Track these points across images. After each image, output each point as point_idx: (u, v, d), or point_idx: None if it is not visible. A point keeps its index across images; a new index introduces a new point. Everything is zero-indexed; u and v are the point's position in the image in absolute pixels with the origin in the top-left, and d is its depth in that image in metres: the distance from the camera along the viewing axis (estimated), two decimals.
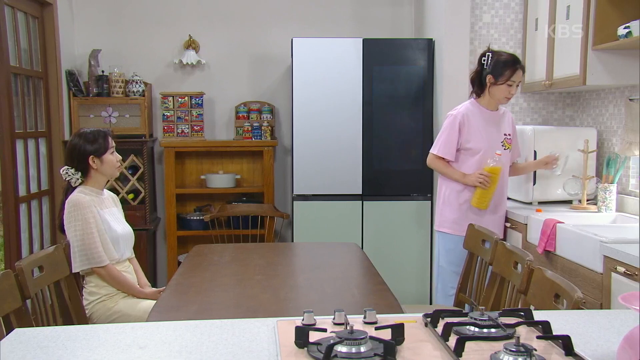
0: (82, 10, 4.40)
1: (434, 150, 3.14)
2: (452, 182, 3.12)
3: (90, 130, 2.63)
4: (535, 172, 3.39)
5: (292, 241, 4.14)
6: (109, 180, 2.88)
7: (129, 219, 2.84)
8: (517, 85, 3.04)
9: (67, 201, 2.55)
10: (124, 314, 2.55)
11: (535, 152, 3.40)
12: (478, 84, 3.09)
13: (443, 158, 3.11)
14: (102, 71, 4.24)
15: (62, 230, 2.59)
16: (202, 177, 4.45)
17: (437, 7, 3.96)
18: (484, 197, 3.05)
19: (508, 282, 2.28)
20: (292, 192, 4.05)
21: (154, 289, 2.74)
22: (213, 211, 4.21)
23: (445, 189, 3.17)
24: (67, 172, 2.60)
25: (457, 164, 3.12)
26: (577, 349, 1.34)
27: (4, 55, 3.39)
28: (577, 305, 1.68)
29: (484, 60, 3.03)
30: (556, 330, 1.45)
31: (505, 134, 3.12)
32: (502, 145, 3.11)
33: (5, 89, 3.41)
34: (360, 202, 4.02)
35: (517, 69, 2.99)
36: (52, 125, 4.05)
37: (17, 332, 1.55)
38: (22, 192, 3.61)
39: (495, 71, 2.99)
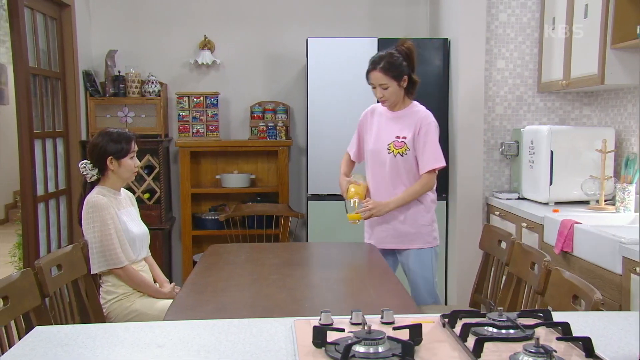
0: (99, 11, 4.44)
1: (349, 148, 3.09)
2: None
3: (116, 131, 2.65)
4: (552, 171, 3.36)
5: (307, 241, 4.14)
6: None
7: (144, 218, 2.85)
8: (385, 88, 2.79)
9: (85, 201, 2.57)
10: (140, 313, 2.56)
11: (552, 152, 3.37)
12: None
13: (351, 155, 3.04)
14: (119, 71, 4.28)
15: (81, 225, 2.61)
16: (217, 176, 4.46)
17: (452, 6, 3.94)
18: (350, 216, 2.89)
19: (525, 282, 2.27)
20: (307, 192, 4.05)
21: (171, 285, 2.75)
22: (228, 211, 4.22)
23: None
24: (84, 167, 2.62)
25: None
26: (598, 351, 1.32)
27: (23, 56, 3.42)
28: (596, 306, 1.67)
29: None
30: (575, 332, 1.44)
31: (398, 137, 2.83)
32: (387, 149, 2.84)
33: (24, 89, 3.45)
34: None
35: (369, 71, 2.82)
36: (70, 126, 4.09)
37: (38, 329, 1.57)
38: (40, 191, 3.64)
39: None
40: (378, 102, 2.96)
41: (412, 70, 2.86)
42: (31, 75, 3.55)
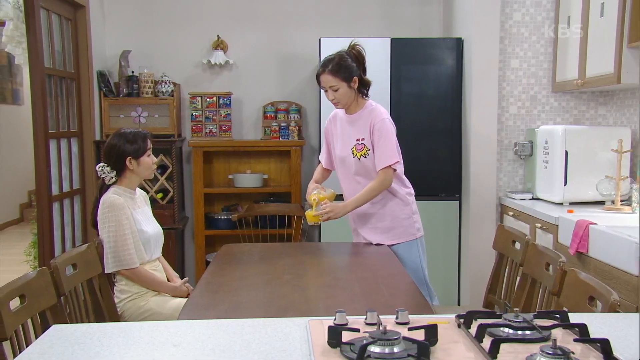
0: (113, 11, 4.46)
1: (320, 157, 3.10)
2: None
3: (130, 131, 2.66)
4: (566, 171, 3.34)
5: (319, 241, 4.13)
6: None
7: (157, 218, 2.86)
8: (336, 90, 2.76)
9: (101, 201, 2.58)
10: (154, 312, 2.57)
11: (566, 152, 3.34)
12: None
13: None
14: (132, 72, 4.30)
15: (96, 227, 2.62)
16: (230, 176, 4.47)
17: (466, 6, 3.92)
18: (308, 215, 2.90)
19: (539, 283, 2.25)
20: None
21: (181, 280, 2.77)
22: (240, 211, 4.23)
23: None
24: (102, 170, 2.64)
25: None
26: (617, 354, 1.31)
27: (39, 57, 3.45)
28: (613, 308, 1.65)
29: None
30: (593, 334, 1.43)
31: (358, 139, 2.81)
32: (351, 153, 2.83)
33: (40, 90, 3.48)
34: None
35: (319, 74, 2.79)
36: (84, 125, 4.12)
37: (55, 328, 1.58)
38: (55, 191, 3.67)
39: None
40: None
41: (363, 71, 2.86)
42: (46, 76, 3.58)
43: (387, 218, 2.92)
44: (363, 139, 2.83)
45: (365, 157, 2.84)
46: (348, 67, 2.79)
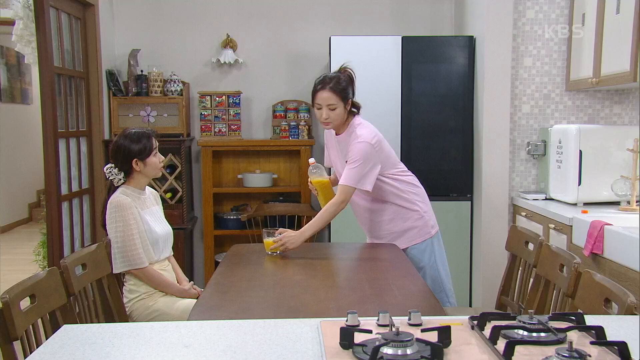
0: (122, 10, 4.46)
1: None
2: None
3: (134, 131, 2.65)
4: (580, 171, 3.30)
5: (329, 241, 4.12)
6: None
7: (166, 218, 2.86)
8: (333, 109, 2.71)
9: (109, 202, 2.58)
10: (163, 313, 2.57)
11: (580, 151, 3.31)
12: None
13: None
14: (141, 71, 4.30)
15: (105, 228, 2.62)
16: (239, 176, 4.46)
17: (478, 4, 3.89)
18: (320, 204, 2.93)
19: (553, 285, 2.23)
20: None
21: (190, 283, 2.75)
22: (250, 211, 4.22)
23: None
24: (110, 172, 2.63)
25: None
26: (635, 357, 1.28)
27: (48, 56, 3.45)
28: (630, 310, 1.62)
29: None
30: (609, 336, 1.41)
31: (347, 161, 2.78)
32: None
33: (49, 89, 3.48)
34: None
35: (318, 90, 2.73)
36: (93, 125, 4.12)
37: (66, 328, 1.58)
38: (64, 190, 3.67)
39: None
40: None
41: (353, 95, 2.84)
42: (56, 75, 3.59)
43: (399, 222, 2.92)
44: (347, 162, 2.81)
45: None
46: (345, 88, 2.77)
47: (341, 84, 2.75)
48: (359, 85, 3.87)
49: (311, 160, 2.91)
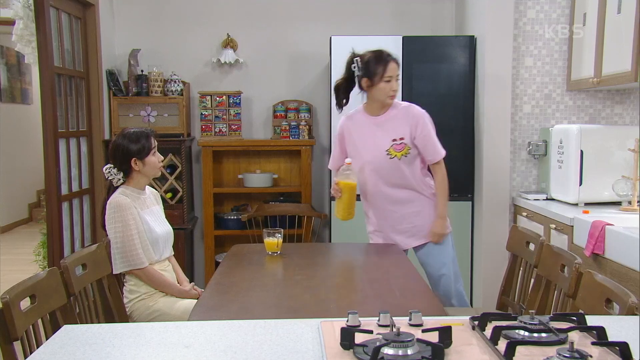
0: (122, 10, 4.46)
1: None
2: None
3: (133, 131, 2.65)
4: (581, 171, 3.29)
5: (330, 241, 4.11)
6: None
7: (166, 218, 2.85)
8: (397, 80, 2.80)
9: (108, 202, 2.58)
10: (163, 313, 2.56)
11: (582, 151, 3.30)
12: (344, 94, 2.88)
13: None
14: (142, 70, 4.29)
15: (105, 229, 2.61)
16: (240, 176, 4.46)
17: (479, 3, 3.89)
18: (338, 208, 2.87)
19: (554, 285, 2.22)
20: (330, 191, 4.02)
21: (191, 284, 2.75)
22: (250, 211, 4.21)
23: None
24: (109, 172, 2.63)
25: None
26: (636, 357, 1.28)
27: (48, 56, 3.45)
28: (631, 310, 1.62)
29: (354, 67, 2.82)
30: (610, 337, 1.40)
31: (395, 139, 2.79)
32: (388, 155, 2.81)
33: (49, 89, 3.48)
34: None
35: (388, 62, 2.77)
36: (93, 125, 4.12)
37: (66, 328, 1.58)
38: (64, 190, 3.67)
39: (368, 72, 2.78)
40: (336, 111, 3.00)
41: None
42: (56, 75, 3.58)
43: (425, 216, 2.92)
44: (402, 138, 2.81)
45: (406, 157, 2.82)
46: None
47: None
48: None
49: (348, 160, 2.81)
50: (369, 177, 2.90)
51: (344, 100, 2.90)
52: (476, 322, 1.52)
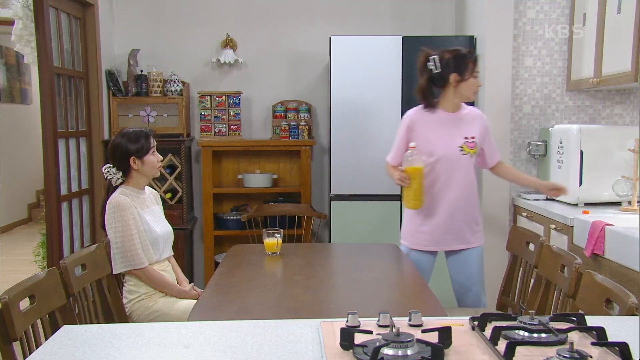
0: (121, 10, 4.46)
1: (388, 157, 2.98)
2: None
3: (132, 130, 2.65)
4: (581, 171, 3.29)
5: (330, 242, 4.11)
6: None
7: (166, 218, 2.85)
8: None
9: (108, 202, 2.57)
10: (162, 313, 2.56)
11: (582, 152, 3.30)
12: (430, 93, 2.87)
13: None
14: (141, 71, 4.29)
15: (104, 229, 2.61)
16: (239, 176, 4.45)
17: (479, 3, 3.89)
18: (408, 197, 2.80)
19: (554, 285, 2.22)
20: (330, 192, 4.02)
21: (190, 284, 2.75)
22: (250, 211, 4.21)
23: None
24: (108, 171, 2.63)
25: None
26: (636, 357, 1.28)
27: (48, 56, 3.45)
28: (631, 311, 1.62)
29: (431, 65, 2.81)
30: (610, 337, 1.40)
31: (467, 137, 2.84)
32: (461, 151, 2.83)
33: (48, 89, 3.47)
34: (399, 202, 3.96)
35: (476, 58, 2.85)
36: (92, 125, 4.11)
37: (66, 329, 1.58)
38: (63, 191, 3.67)
39: (458, 67, 2.78)
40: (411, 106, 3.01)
41: None
42: (55, 75, 3.58)
43: (471, 221, 2.93)
44: (474, 138, 2.86)
45: (477, 155, 2.90)
46: None
47: None
48: (358, 85, 3.91)
49: (412, 144, 2.76)
50: (440, 172, 2.85)
51: (435, 100, 2.89)
52: (476, 323, 1.52)
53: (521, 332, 1.44)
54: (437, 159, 2.83)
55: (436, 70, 2.80)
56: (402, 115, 3.89)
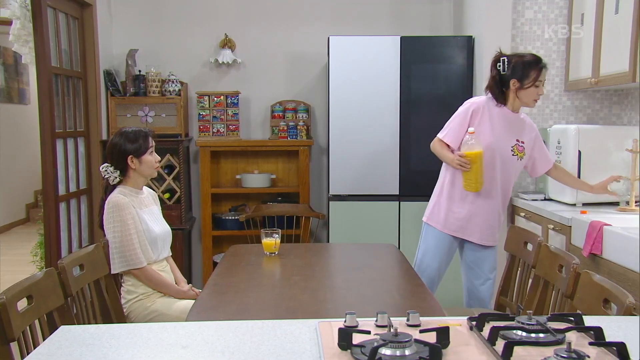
0: (120, 10, 4.46)
1: (441, 134, 2.99)
2: (448, 174, 3.00)
3: (131, 130, 2.65)
4: (579, 171, 3.29)
5: (328, 242, 4.11)
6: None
7: (164, 218, 2.85)
8: (543, 85, 2.89)
9: (106, 202, 2.57)
10: (161, 314, 2.56)
11: (579, 152, 3.30)
12: (498, 91, 2.91)
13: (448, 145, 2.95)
14: (139, 71, 4.29)
15: (102, 228, 2.61)
16: (238, 176, 4.45)
17: (477, 4, 3.89)
18: (469, 180, 2.86)
19: (552, 285, 2.22)
20: (328, 192, 4.03)
21: (188, 285, 2.74)
22: (248, 211, 4.21)
23: (443, 179, 3.05)
24: (106, 170, 2.63)
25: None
26: (634, 357, 1.28)
27: (46, 56, 3.44)
28: (629, 311, 1.62)
29: (500, 66, 2.87)
30: (608, 337, 1.40)
31: (518, 140, 2.91)
32: (511, 151, 2.90)
33: (46, 89, 3.47)
34: (397, 202, 3.97)
35: (542, 67, 2.86)
36: (91, 125, 4.11)
37: (63, 329, 1.57)
38: (61, 191, 3.67)
39: (519, 74, 2.83)
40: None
41: None
42: (53, 75, 3.58)
43: (494, 221, 2.99)
44: (523, 142, 2.92)
45: (522, 160, 2.94)
46: None
47: None
48: (356, 85, 3.91)
49: (471, 129, 2.82)
50: (488, 164, 2.88)
51: (502, 96, 2.93)
52: (474, 323, 1.52)
53: (519, 332, 1.44)
54: (492, 151, 2.88)
55: (503, 72, 2.87)
56: (400, 115, 3.92)
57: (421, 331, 1.42)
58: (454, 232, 2.98)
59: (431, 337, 1.37)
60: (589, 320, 1.52)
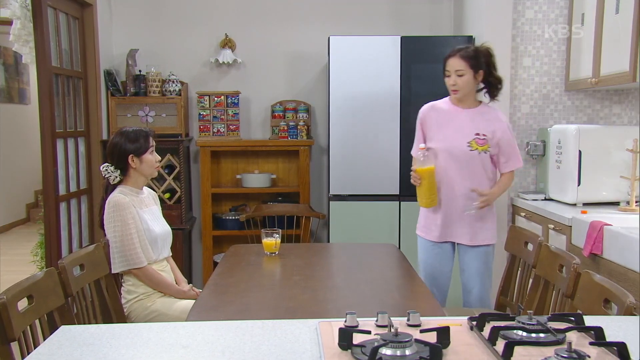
0: (120, 10, 4.45)
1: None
2: None
3: (132, 129, 2.65)
4: (580, 171, 3.29)
5: (328, 242, 4.11)
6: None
7: (165, 218, 2.85)
8: (460, 75, 2.81)
9: (107, 201, 2.57)
10: (161, 313, 2.56)
11: (580, 152, 3.30)
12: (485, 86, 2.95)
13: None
14: (140, 71, 4.29)
15: (103, 228, 2.61)
16: (238, 176, 4.45)
17: (477, 3, 3.89)
18: (420, 196, 2.86)
19: (552, 285, 2.22)
20: (328, 192, 4.02)
21: (189, 285, 2.74)
22: (248, 211, 4.21)
23: None
24: (106, 170, 2.63)
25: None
26: (634, 357, 1.28)
27: (46, 56, 3.44)
28: (629, 311, 1.62)
29: None
30: (608, 337, 1.40)
31: (478, 134, 2.82)
32: (468, 147, 2.81)
33: (47, 89, 3.47)
34: (398, 202, 3.97)
35: (449, 57, 2.84)
36: (91, 125, 4.11)
37: (64, 329, 1.57)
38: (62, 191, 3.66)
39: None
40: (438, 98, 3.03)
41: (491, 68, 2.89)
42: (53, 75, 3.57)
43: (490, 216, 2.94)
44: (485, 135, 2.84)
45: (486, 153, 2.85)
46: (478, 58, 2.84)
47: (470, 52, 2.84)
48: (356, 85, 3.90)
49: (422, 145, 2.83)
50: (445, 164, 2.86)
51: (485, 92, 2.95)
52: (474, 323, 1.52)
53: (519, 332, 1.44)
54: (446, 153, 2.86)
55: None
56: (400, 115, 3.92)
57: (422, 331, 1.43)
58: (438, 238, 2.92)
59: (432, 337, 1.37)
60: (590, 320, 1.52)
